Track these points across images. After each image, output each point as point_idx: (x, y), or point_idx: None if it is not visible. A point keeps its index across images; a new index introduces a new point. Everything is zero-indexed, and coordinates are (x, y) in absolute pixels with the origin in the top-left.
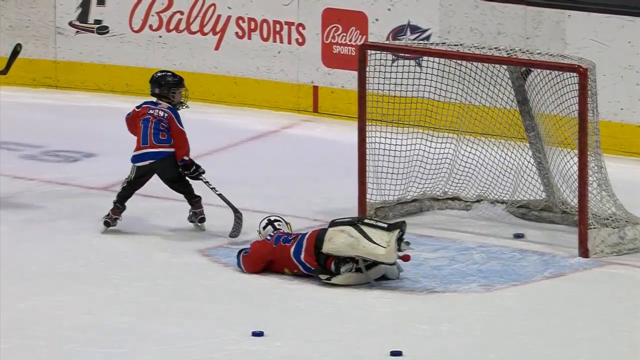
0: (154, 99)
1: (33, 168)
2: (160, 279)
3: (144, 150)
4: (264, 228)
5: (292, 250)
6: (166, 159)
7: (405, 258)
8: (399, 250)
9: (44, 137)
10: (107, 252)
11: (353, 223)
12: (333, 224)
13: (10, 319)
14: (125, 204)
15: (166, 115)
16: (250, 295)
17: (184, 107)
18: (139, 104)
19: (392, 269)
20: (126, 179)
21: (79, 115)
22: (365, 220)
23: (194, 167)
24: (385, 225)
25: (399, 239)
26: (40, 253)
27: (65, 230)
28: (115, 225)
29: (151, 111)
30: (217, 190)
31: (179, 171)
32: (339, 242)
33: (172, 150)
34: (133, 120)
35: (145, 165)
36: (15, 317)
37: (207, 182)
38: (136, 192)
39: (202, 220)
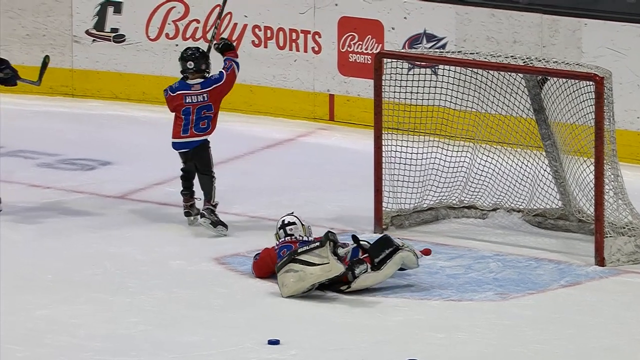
0: (186, 78)
1: (49, 176)
2: (176, 288)
3: (184, 140)
4: (279, 229)
5: None
6: (201, 145)
7: (427, 252)
8: (337, 256)
9: (60, 145)
10: (123, 261)
11: (291, 259)
12: (277, 269)
13: (26, 328)
14: (193, 189)
15: (206, 96)
16: (266, 304)
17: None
18: (172, 87)
19: (410, 259)
20: (182, 168)
21: (95, 123)
22: (299, 250)
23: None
24: (318, 243)
25: (334, 247)
26: (56, 261)
27: (81, 239)
28: (197, 214)
29: (188, 99)
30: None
31: (208, 161)
32: (289, 282)
33: (210, 135)
34: (170, 103)
35: (186, 151)
36: (31, 326)
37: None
38: (153, 200)
39: (217, 223)
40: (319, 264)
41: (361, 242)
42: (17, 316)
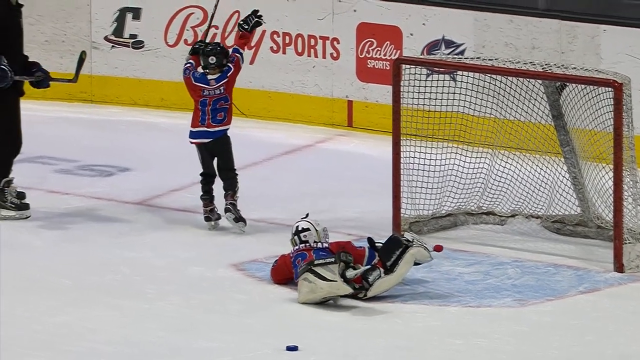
0: (209, 72)
1: (68, 182)
2: (194, 293)
3: (201, 129)
4: (294, 235)
5: None
6: (222, 137)
7: (438, 248)
8: (344, 278)
9: (79, 151)
10: (141, 267)
11: (308, 268)
12: (299, 274)
13: (43, 333)
14: (213, 194)
15: (222, 88)
16: (284, 310)
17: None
18: (195, 74)
19: (421, 254)
20: (201, 172)
21: (114, 129)
22: (316, 262)
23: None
24: (332, 259)
25: (344, 269)
26: (75, 267)
27: (100, 245)
28: (217, 219)
29: (206, 92)
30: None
31: (231, 157)
32: (304, 291)
33: (228, 126)
34: (189, 88)
35: (204, 143)
36: (48, 331)
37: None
38: (172, 207)
39: (239, 219)
40: (329, 280)
41: (376, 245)
42: (35, 321)
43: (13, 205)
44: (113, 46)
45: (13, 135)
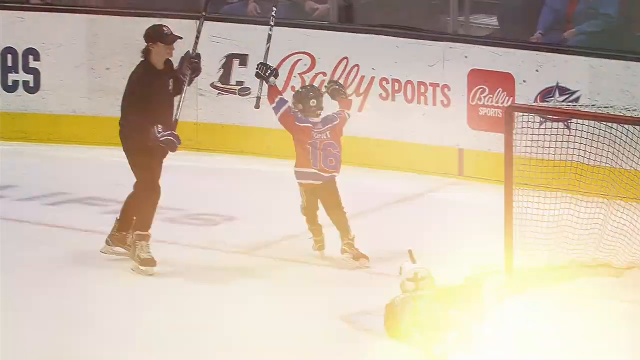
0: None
1: (174, 232)
2: (300, 345)
3: (313, 170)
4: (409, 282)
5: None
6: (331, 179)
7: None
8: None
9: (184, 200)
10: (247, 318)
11: None
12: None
13: None
14: (318, 222)
15: (329, 134)
16: None
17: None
18: (298, 114)
19: None
20: (302, 204)
21: (220, 177)
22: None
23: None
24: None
25: None
26: (177, 319)
27: (204, 295)
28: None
29: (317, 135)
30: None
31: (339, 196)
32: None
33: (338, 174)
34: (294, 131)
35: (315, 185)
36: None
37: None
38: (279, 257)
39: (359, 257)
40: None
41: None
42: None
43: (139, 259)
44: (219, 93)
45: (156, 193)
